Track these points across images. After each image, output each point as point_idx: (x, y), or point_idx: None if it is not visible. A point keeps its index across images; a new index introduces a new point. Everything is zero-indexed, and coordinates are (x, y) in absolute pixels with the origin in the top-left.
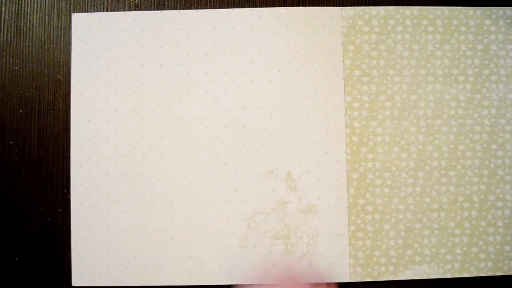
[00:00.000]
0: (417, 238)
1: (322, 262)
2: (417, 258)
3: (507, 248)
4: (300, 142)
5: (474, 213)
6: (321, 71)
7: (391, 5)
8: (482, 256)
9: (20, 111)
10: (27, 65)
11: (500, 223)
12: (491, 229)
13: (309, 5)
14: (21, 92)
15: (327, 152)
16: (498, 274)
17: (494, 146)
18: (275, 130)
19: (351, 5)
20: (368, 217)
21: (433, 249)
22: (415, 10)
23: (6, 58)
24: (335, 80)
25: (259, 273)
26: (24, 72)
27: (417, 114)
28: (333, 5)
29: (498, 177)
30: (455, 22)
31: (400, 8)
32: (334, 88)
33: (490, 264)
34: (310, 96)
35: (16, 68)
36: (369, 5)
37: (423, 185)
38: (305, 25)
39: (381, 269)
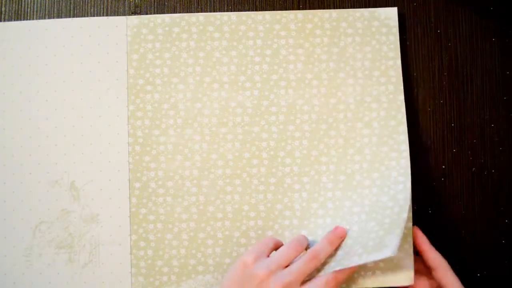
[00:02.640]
0: (200, 248)
1: (104, 271)
2: (201, 268)
3: None
4: (84, 151)
5: (260, 222)
6: (104, 80)
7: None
8: None
9: None
10: None
11: (287, 233)
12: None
13: (309, 7)
14: None
15: (109, 162)
16: None
17: (281, 154)
18: (59, 140)
19: (350, 7)
20: (150, 226)
21: (217, 259)
22: (201, 16)
23: None
24: (119, 89)
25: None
26: None
27: (202, 122)
28: (333, 7)
29: (285, 185)
30: (242, 27)
31: (186, 15)
32: (118, 97)
33: None
34: (93, 106)
35: None
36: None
37: (207, 194)
38: (89, 36)
39: (163, 279)
